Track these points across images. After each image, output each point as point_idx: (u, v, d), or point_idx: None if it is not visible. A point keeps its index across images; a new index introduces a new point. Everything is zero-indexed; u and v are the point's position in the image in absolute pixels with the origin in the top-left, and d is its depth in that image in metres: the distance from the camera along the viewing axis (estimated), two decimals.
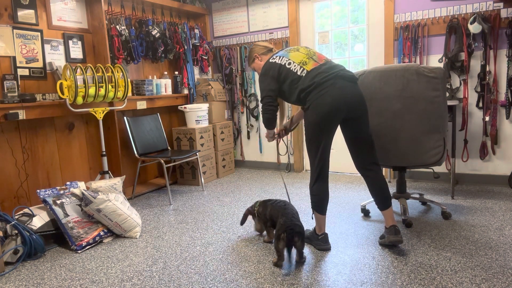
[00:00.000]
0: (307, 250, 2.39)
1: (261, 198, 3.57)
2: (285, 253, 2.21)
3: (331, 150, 4.38)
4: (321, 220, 2.40)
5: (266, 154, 4.80)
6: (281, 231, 2.16)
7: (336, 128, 2.30)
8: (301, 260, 2.23)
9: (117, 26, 3.65)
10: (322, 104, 2.19)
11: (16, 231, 2.43)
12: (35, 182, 3.20)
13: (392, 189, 3.62)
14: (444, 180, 3.81)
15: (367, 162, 2.40)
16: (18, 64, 3.03)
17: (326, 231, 2.46)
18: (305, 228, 2.65)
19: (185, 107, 4.24)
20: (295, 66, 2.31)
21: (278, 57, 2.41)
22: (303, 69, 2.28)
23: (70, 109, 3.09)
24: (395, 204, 3.20)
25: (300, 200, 3.47)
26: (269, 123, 2.47)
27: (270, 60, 2.43)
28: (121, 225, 2.74)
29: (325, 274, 2.10)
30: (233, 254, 2.41)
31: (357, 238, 2.55)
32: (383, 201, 2.37)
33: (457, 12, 3.51)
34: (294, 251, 2.24)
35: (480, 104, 3.53)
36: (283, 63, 2.36)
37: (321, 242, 2.41)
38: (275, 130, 2.61)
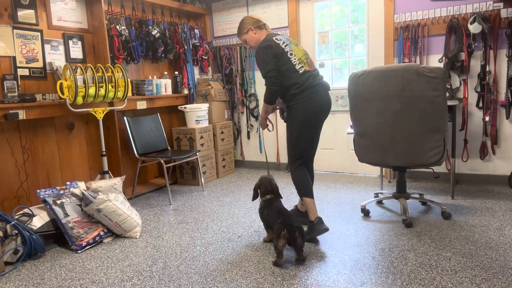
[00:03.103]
0: (307, 250, 2.39)
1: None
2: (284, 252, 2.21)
3: (331, 150, 4.40)
4: (311, 204, 2.50)
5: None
6: (281, 229, 2.16)
7: (319, 126, 2.62)
8: (300, 257, 2.23)
9: (117, 26, 3.65)
10: (312, 104, 2.51)
11: (16, 231, 2.43)
12: (35, 182, 3.20)
13: (392, 189, 3.62)
14: (444, 180, 3.81)
15: (312, 157, 2.73)
16: (18, 64, 3.03)
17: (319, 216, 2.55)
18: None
19: (185, 107, 4.23)
20: (295, 59, 2.54)
21: (281, 42, 2.56)
22: (302, 66, 2.54)
23: (70, 109, 3.09)
24: (395, 204, 3.20)
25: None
26: (274, 96, 2.54)
27: (274, 39, 2.56)
28: (121, 225, 2.74)
29: (325, 274, 2.10)
30: (233, 254, 2.41)
31: (357, 238, 2.55)
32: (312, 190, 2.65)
33: (457, 12, 3.51)
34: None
35: (480, 104, 3.53)
36: (286, 50, 2.54)
37: (317, 226, 2.46)
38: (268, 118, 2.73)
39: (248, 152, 4.93)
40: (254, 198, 2.56)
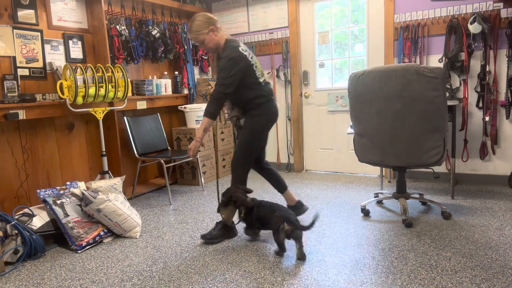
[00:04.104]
0: (307, 250, 2.39)
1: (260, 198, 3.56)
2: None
3: (331, 150, 4.40)
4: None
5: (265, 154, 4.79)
6: (280, 222, 2.21)
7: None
8: (301, 251, 2.25)
9: (117, 26, 3.65)
10: (273, 113, 2.67)
11: (16, 231, 2.43)
12: (35, 182, 3.20)
13: (392, 189, 3.62)
14: (444, 180, 3.81)
15: (264, 160, 2.90)
16: (18, 64, 3.03)
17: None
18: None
19: (185, 107, 4.24)
20: (258, 71, 2.63)
21: (248, 53, 2.57)
22: (264, 78, 2.67)
23: (70, 109, 3.09)
24: (395, 204, 3.20)
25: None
26: (218, 108, 2.48)
27: (241, 50, 2.53)
28: (121, 225, 2.74)
29: (325, 274, 2.10)
30: (233, 254, 2.41)
31: (357, 238, 2.55)
32: (283, 185, 2.88)
33: (457, 12, 3.51)
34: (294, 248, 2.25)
35: (480, 104, 3.53)
36: (252, 63, 2.58)
37: (229, 232, 2.67)
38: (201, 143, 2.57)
39: None
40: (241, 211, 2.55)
